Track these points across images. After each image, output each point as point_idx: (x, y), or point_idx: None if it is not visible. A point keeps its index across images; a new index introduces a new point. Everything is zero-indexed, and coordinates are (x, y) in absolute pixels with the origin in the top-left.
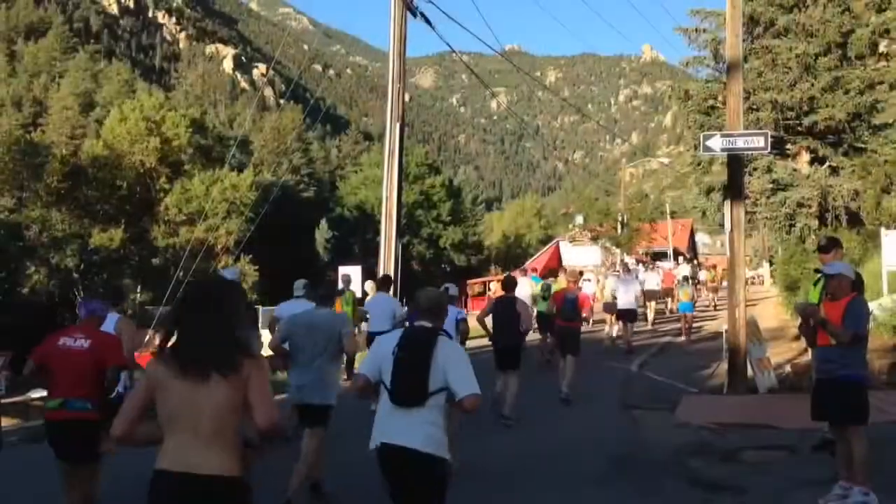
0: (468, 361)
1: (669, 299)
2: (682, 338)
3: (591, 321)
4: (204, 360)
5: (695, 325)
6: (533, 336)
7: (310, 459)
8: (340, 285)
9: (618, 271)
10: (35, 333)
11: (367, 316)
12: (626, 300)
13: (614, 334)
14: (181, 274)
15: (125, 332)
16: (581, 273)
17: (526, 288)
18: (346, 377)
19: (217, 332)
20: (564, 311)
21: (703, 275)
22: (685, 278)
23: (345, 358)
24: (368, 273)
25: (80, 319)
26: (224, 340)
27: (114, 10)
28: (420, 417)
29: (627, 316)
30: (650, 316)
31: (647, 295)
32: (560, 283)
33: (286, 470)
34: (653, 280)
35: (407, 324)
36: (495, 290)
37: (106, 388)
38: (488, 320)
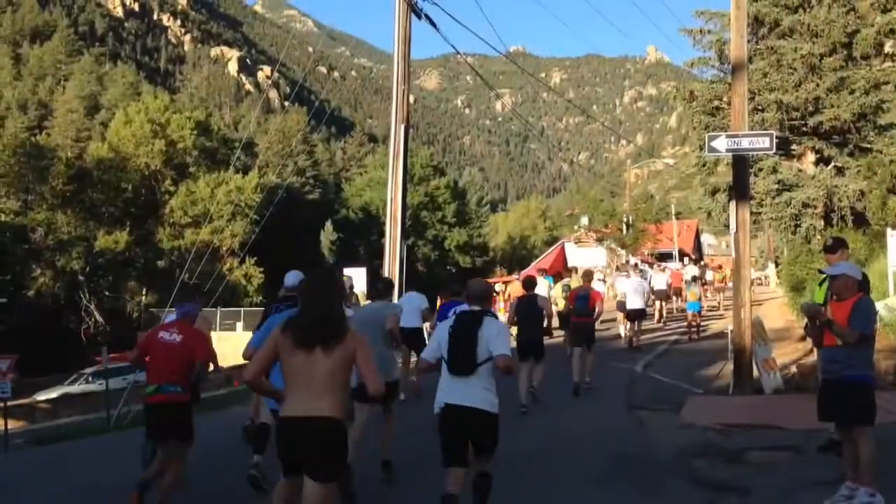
0: (507, 333)
1: (678, 298)
2: (688, 337)
3: (599, 318)
4: (316, 335)
5: (702, 324)
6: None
7: (389, 433)
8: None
9: (627, 272)
10: (40, 336)
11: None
12: (635, 300)
13: (623, 333)
14: (186, 276)
15: (204, 329)
16: (592, 273)
17: (542, 288)
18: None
19: (325, 313)
20: (577, 308)
21: (709, 275)
22: (693, 278)
23: None
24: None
25: (175, 318)
26: (331, 320)
27: (118, 12)
28: (475, 383)
29: (637, 315)
30: (658, 315)
31: (657, 295)
32: (575, 282)
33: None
34: (662, 280)
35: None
36: (509, 293)
37: (192, 378)
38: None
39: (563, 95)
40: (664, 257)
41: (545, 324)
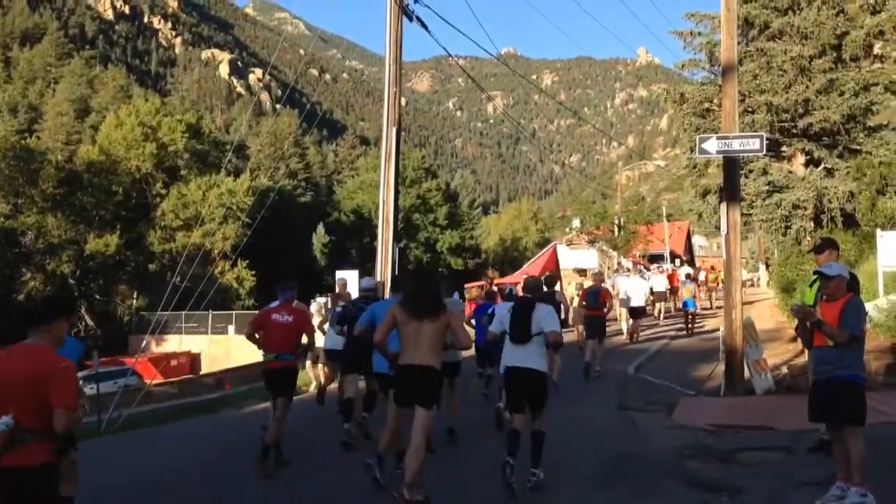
0: (555, 315)
1: (674, 297)
2: (686, 331)
3: (609, 311)
4: (424, 310)
5: (697, 320)
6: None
7: (454, 406)
8: (337, 290)
9: (628, 272)
10: None
11: None
12: (637, 299)
13: (624, 328)
14: (178, 279)
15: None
16: (603, 274)
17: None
18: None
19: (430, 295)
20: (589, 303)
21: (702, 275)
22: (688, 276)
23: None
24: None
25: (281, 301)
26: (435, 300)
27: (109, 15)
28: (530, 350)
29: (638, 312)
30: (656, 312)
31: (656, 296)
32: (587, 282)
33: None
34: (661, 282)
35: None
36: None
37: (299, 349)
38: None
39: (554, 97)
40: (655, 259)
41: (562, 316)
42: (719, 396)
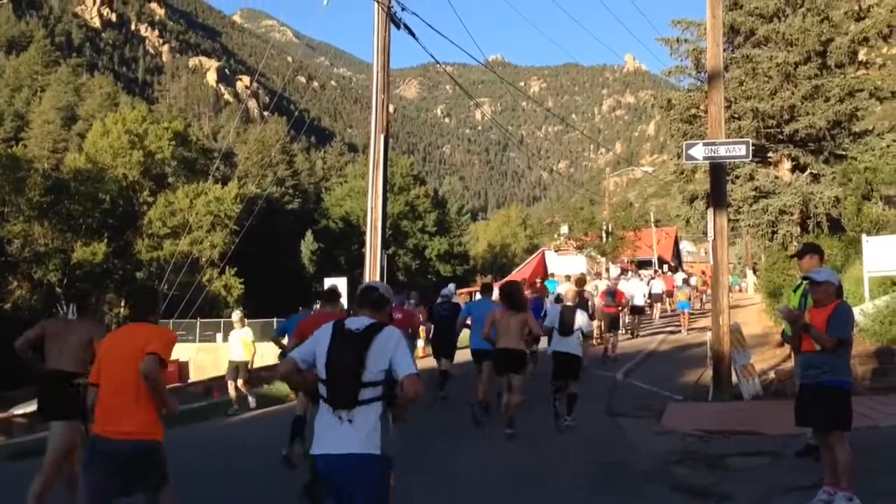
0: (587, 318)
1: (669, 299)
2: (682, 330)
3: (625, 308)
4: (514, 307)
5: (689, 320)
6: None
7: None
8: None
9: (629, 276)
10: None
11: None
12: (638, 299)
13: (626, 321)
14: (165, 287)
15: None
16: (619, 278)
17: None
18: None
19: (519, 297)
20: (607, 301)
21: (694, 280)
22: (683, 280)
23: None
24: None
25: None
26: (521, 301)
27: (96, 23)
28: (571, 340)
29: (638, 311)
30: (656, 313)
31: (654, 297)
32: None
33: None
34: (659, 286)
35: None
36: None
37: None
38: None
39: (542, 104)
40: (643, 265)
41: (590, 311)
42: (707, 402)
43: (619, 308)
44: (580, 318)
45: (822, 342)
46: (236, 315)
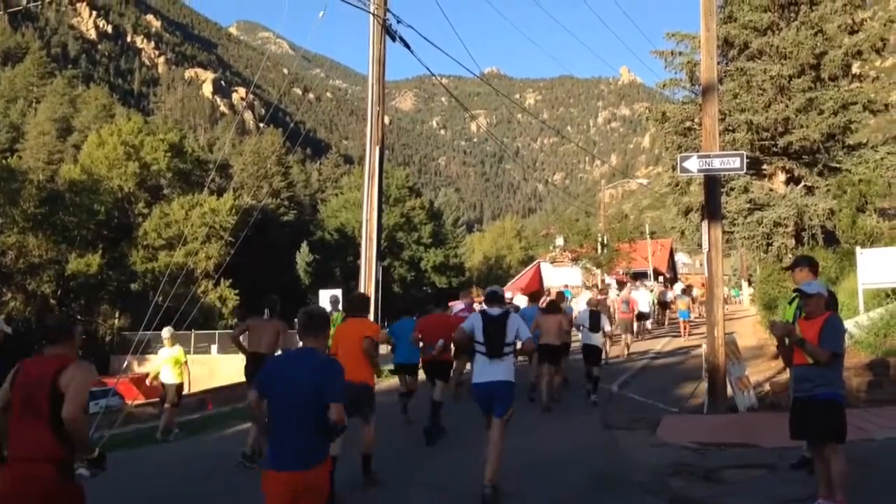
0: (606, 318)
1: (670, 308)
2: (682, 337)
3: (635, 312)
4: (552, 311)
5: (689, 328)
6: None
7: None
8: (328, 307)
9: (636, 286)
10: (11, 360)
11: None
12: (643, 306)
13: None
14: (160, 299)
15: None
16: (631, 288)
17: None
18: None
19: (554, 303)
20: (622, 309)
21: (695, 291)
22: (683, 291)
23: None
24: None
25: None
26: (558, 307)
27: (92, 35)
28: (597, 336)
29: (645, 317)
30: (662, 319)
31: (662, 305)
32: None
33: None
34: (667, 296)
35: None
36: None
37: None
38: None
39: (537, 116)
40: (639, 276)
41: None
42: (702, 414)
43: (632, 314)
44: (604, 320)
45: (816, 356)
46: (166, 332)
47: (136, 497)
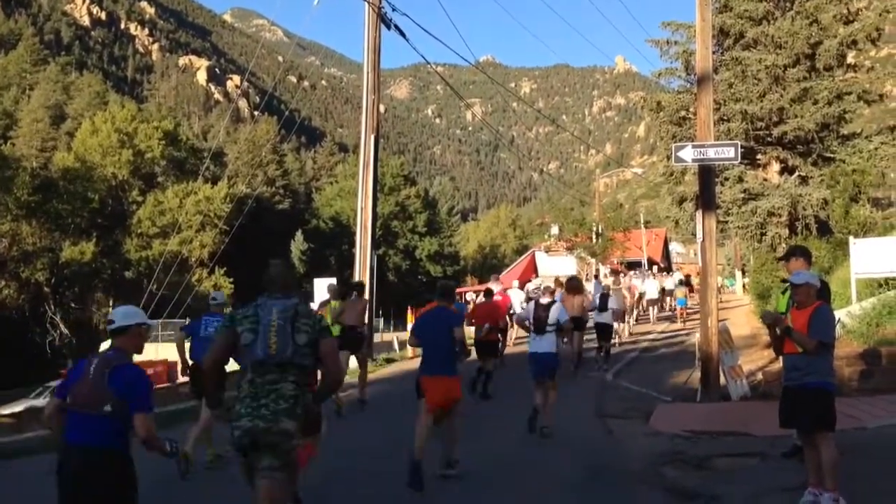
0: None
1: (670, 296)
2: (678, 322)
3: (642, 300)
4: (574, 291)
5: (687, 314)
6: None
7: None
8: (327, 295)
9: (640, 275)
10: (5, 348)
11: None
12: (653, 293)
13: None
14: (154, 287)
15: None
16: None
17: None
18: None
19: (576, 284)
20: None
21: (693, 280)
22: (680, 281)
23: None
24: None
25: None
26: (578, 286)
27: (85, 21)
28: (607, 314)
29: (653, 301)
30: (667, 306)
31: (666, 292)
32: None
33: None
34: (671, 282)
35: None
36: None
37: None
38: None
39: (532, 105)
40: (633, 266)
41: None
42: (695, 403)
43: (633, 300)
44: (612, 301)
45: (803, 345)
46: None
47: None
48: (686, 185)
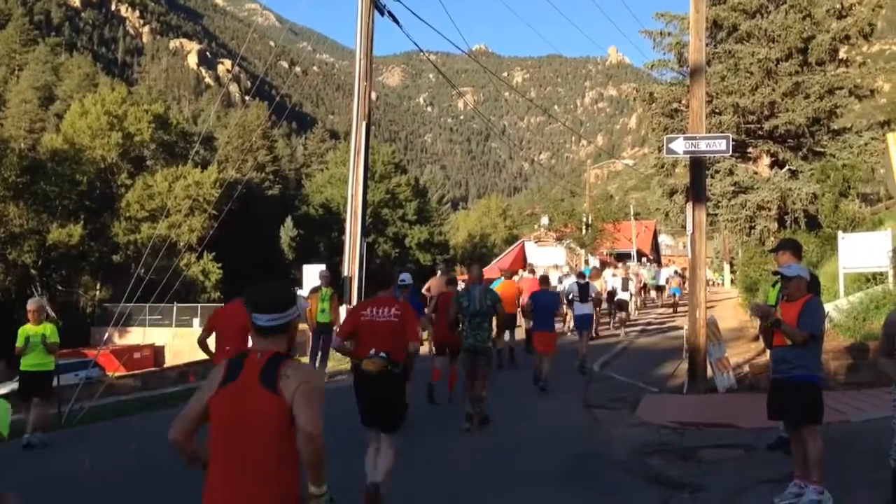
0: (596, 289)
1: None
2: (671, 309)
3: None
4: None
5: (679, 303)
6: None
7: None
8: (318, 281)
9: (645, 266)
10: None
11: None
12: (662, 282)
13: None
14: (142, 271)
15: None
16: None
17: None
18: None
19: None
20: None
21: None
22: (675, 272)
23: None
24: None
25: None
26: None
27: (75, 2)
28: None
29: (661, 288)
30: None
31: (667, 281)
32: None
33: None
34: (670, 271)
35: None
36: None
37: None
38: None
39: (524, 95)
40: (622, 257)
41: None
42: (682, 394)
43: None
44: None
45: (793, 337)
46: (32, 304)
47: (115, 462)
48: (676, 178)
